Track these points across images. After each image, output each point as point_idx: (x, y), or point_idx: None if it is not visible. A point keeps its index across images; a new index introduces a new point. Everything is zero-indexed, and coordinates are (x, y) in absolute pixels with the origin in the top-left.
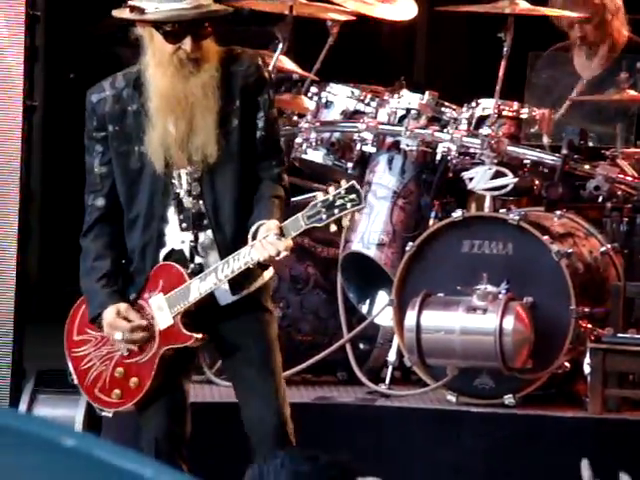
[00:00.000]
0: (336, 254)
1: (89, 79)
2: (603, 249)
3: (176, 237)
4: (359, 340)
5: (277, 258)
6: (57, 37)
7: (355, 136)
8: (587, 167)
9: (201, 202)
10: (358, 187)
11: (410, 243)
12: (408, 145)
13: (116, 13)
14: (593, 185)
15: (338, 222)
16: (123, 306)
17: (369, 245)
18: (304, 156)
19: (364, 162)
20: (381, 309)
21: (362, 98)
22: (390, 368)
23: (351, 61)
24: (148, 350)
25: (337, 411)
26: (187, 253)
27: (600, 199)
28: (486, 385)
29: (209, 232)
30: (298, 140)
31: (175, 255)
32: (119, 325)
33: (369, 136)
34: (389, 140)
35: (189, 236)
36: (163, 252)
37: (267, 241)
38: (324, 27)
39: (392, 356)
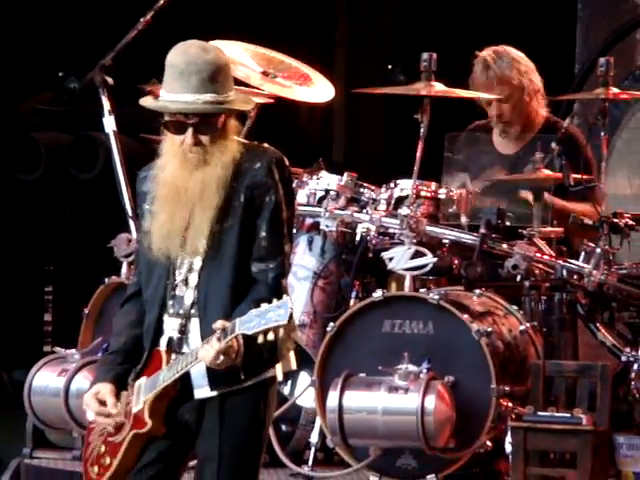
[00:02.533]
0: None
1: (6, 164)
2: (522, 327)
3: (172, 324)
4: (281, 421)
5: (217, 361)
6: None
7: None
8: (505, 246)
9: (195, 292)
10: (288, 305)
11: (331, 323)
12: (328, 226)
13: (142, 100)
14: (511, 264)
15: (265, 334)
16: (105, 388)
17: None
18: None
19: None
20: (303, 390)
21: None
22: (313, 449)
23: (270, 143)
24: (122, 431)
25: None
26: (176, 341)
27: (518, 278)
28: (409, 465)
29: (196, 322)
30: None
31: (173, 343)
32: (91, 405)
33: None
34: (309, 221)
35: (180, 324)
36: (164, 338)
37: (208, 343)
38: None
39: (315, 437)
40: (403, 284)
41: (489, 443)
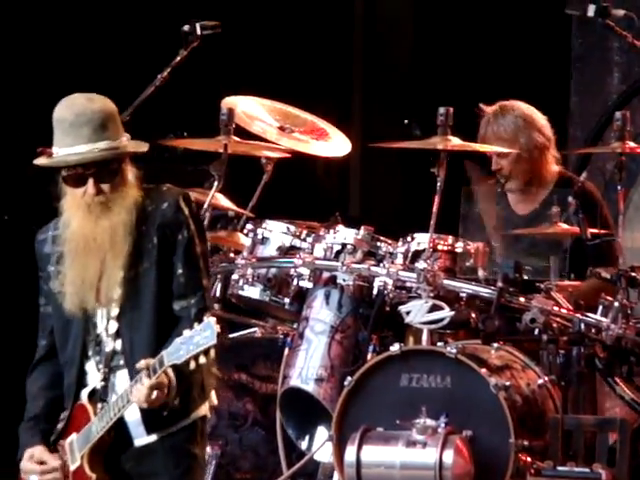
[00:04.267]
0: (274, 390)
1: (23, 220)
2: (540, 381)
3: (94, 376)
4: (299, 477)
5: (151, 398)
6: None
7: (292, 271)
8: (522, 300)
9: (118, 341)
10: (213, 324)
11: (348, 377)
12: (345, 280)
13: (36, 160)
14: (529, 317)
15: (196, 359)
16: (38, 449)
17: (307, 380)
18: (241, 292)
19: (301, 297)
20: (321, 445)
21: (298, 234)
22: None
23: (286, 197)
24: None
25: None
26: (101, 390)
27: (536, 331)
28: None
29: (124, 371)
30: (235, 277)
31: (97, 394)
32: (30, 469)
33: (306, 271)
34: (326, 275)
35: (104, 373)
36: (85, 391)
37: (138, 382)
38: (259, 164)
39: None
40: (420, 338)
41: None
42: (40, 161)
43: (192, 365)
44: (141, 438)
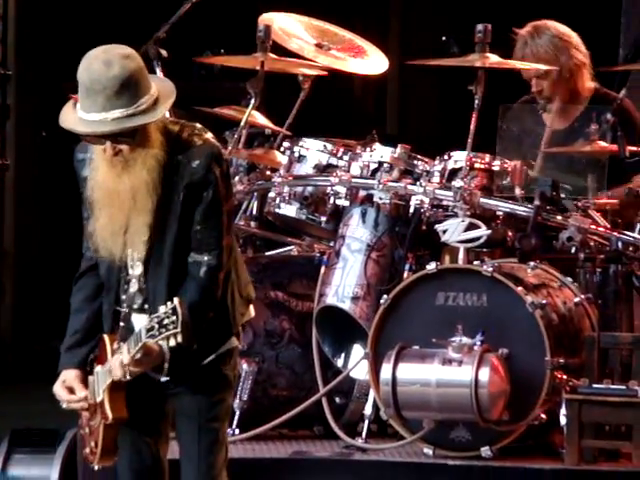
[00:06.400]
0: (311, 308)
1: (61, 137)
2: (577, 300)
3: (119, 314)
4: (335, 394)
5: (126, 375)
6: (28, 95)
7: (328, 190)
8: (559, 218)
9: (140, 285)
10: (179, 309)
11: (384, 296)
12: (381, 198)
13: (60, 117)
14: (566, 236)
15: (167, 340)
16: (71, 374)
17: (344, 299)
18: (277, 210)
19: (337, 216)
20: (356, 362)
21: (335, 152)
22: (366, 422)
23: (323, 115)
24: (96, 417)
25: (314, 466)
26: (121, 331)
27: (573, 250)
28: (463, 437)
29: (140, 314)
30: (271, 194)
31: (116, 330)
32: (59, 394)
33: (342, 190)
34: (362, 193)
35: (125, 314)
36: (108, 324)
37: (119, 355)
38: (296, 82)
39: (368, 409)
40: (457, 256)
41: (543, 416)
42: (62, 115)
43: (165, 344)
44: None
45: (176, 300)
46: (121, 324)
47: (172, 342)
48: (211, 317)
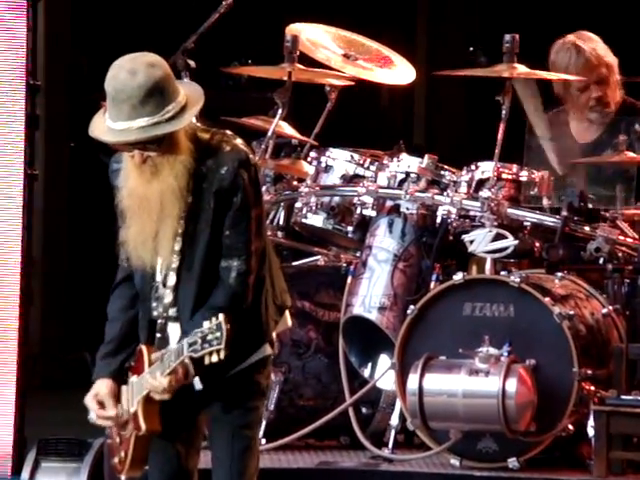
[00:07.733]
0: (337, 318)
1: (90, 147)
2: (605, 311)
3: (154, 324)
4: (361, 404)
5: (165, 393)
6: (57, 106)
7: (355, 200)
8: (587, 229)
9: (173, 294)
10: (224, 326)
11: (411, 306)
12: (408, 208)
13: (90, 126)
14: (594, 247)
15: (210, 356)
16: (104, 387)
17: (370, 309)
18: (304, 220)
19: (364, 226)
20: (383, 373)
21: (362, 162)
22: (393, 432)
23: (350, 125)
24: (128, 427)
25: (340, 476)
26: (157, 341)
27: (601, 261)
28: (490, 448)
29: (177, 325)
30: (298, 204)
31: (155, 343)
32: (91, 406)
33: (369, 200)
34: (389, 204)
35: (160, 324)
36: (144, 335)
37: (148, 374)
38: (323, 92)
39: (395, 420)
40: (484, 267)
41: (571, 427)
42: (92, 125)
43: (206, 360)
44: (199, 385)
45: (221, 316)
46: (157, 335)
47: (214, 358)
48: (243, 324)
